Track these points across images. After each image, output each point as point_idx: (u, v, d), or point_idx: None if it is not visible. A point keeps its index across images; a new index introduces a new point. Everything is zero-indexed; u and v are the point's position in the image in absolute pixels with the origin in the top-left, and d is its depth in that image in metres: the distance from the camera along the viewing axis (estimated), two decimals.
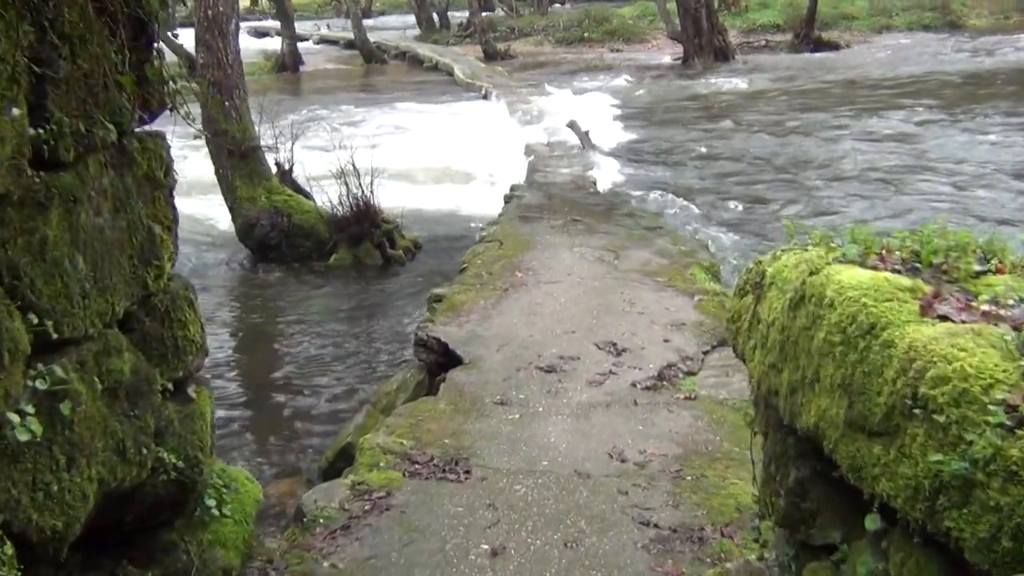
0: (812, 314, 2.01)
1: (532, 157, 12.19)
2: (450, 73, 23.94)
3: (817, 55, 24.47)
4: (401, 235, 9.63)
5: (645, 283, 6.97)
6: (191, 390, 3.13)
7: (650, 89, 20.26)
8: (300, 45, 28.52)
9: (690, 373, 5.45)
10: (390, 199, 10.51)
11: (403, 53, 29.67)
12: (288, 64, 26.16)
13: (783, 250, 2.18)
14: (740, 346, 2.34)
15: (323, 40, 36.03)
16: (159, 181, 2.94)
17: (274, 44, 28.15)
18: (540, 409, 4.75)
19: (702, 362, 5.63)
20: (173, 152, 3.06)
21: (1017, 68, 19.88)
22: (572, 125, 13.72)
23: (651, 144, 13.88)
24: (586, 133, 13.31)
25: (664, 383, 5.23)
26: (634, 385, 5.11)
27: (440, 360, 6.03)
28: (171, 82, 2.92)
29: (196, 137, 3.67)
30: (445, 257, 9.36)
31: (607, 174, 11.69)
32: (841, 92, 18.20)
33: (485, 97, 19.62)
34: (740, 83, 20.05)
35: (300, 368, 6.89)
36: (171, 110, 2.96)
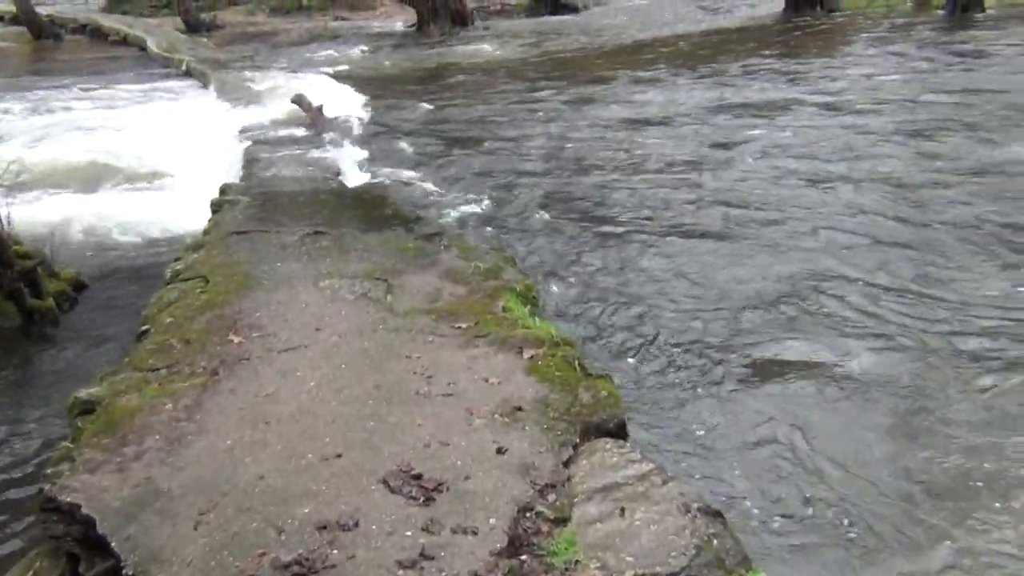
0: None
1: (249, 144, 9.18)
2: (143, 48, 19.86)
3: (556, 18, 23.16)
4: (52, 274, 6.37)
5: (442, 334, 4.44)
6: None
7: (388, 59, 17.64)
8: None
9: (560, 519, 3.02)
10: (38, 217, 7.21)
11: (83, 26, 24.78)
12: None
13: None
14: None
15: None
16: None
17: None
18: None
19: (568, 484, 3.24)
20: None
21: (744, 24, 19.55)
22: (299, 100, 10.82)
23: (402, 124, 11.30)
24: (319, 109, 10.48)
25: (526, 562, 2.77)
26: None
27: (91, 536, 3.18)
28: None
29: None
30: (126, 303, 6.26)
31: (352, 162, 9.00)
32: (596, 55, 16.67)
33: (188, 74, 16.03)
34: (488, 48, 17.97)
35: None
36: None
